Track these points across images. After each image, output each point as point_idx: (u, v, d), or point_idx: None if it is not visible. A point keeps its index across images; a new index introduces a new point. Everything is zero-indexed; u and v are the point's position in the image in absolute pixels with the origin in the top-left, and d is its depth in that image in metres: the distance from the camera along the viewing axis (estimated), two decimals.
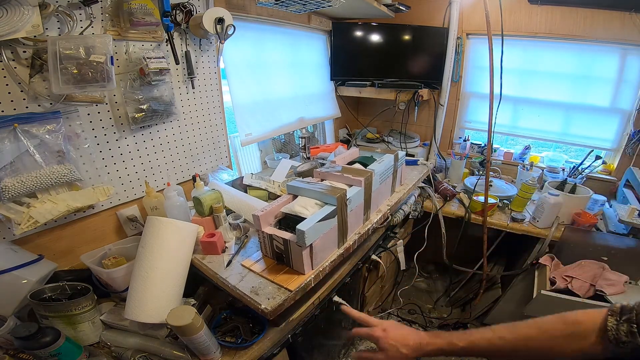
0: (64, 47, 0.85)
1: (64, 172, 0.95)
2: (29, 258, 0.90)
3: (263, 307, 0.85)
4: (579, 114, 1.98)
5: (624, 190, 1.72)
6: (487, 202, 1.69)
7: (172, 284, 0.95)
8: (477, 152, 2.28)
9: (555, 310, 0.59)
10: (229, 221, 1.18)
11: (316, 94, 2.13)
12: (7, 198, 0.85)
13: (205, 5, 1.29)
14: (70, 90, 0.89)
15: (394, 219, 1.51)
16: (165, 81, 1.16)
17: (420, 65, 2.16)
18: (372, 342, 0.71)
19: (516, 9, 1.87)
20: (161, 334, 0.92)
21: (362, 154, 1.46)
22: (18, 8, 0.78)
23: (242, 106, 1.59)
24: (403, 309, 2.15)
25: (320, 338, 1.35)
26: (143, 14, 1.06)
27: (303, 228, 0.87)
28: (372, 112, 2.49)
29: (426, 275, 2.46)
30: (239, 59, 1.55)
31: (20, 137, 0.86)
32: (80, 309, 0.89)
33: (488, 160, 1.71)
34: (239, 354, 0.91)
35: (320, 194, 1.02)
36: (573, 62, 1.89)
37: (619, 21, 1.67)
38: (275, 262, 1.01)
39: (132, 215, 1.21)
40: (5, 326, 0.81)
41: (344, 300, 1.24)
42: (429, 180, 1.98)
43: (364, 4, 1.71)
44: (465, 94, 2.23)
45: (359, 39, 2.09)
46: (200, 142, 1.45)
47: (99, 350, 0.92)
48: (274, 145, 2.10)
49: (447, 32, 2.00)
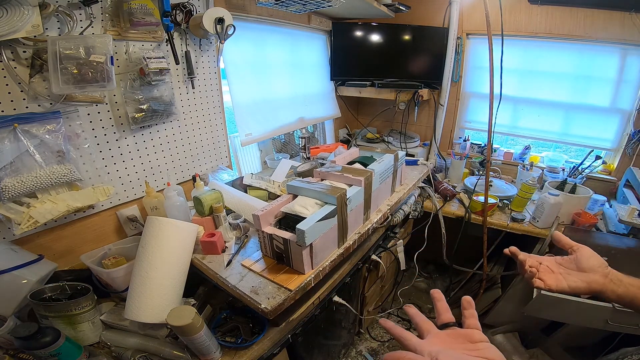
0: (64, 47, 0.85)
1: (64, 172, 0.95)
2: (29, 258, 0.90)
3: (263, 307, 0.85)
4: (579, 114, 1.98)
5: (624, 190, 1.72)
6: (487, 202, 1.69)
7: (172, 283, 0.95)
8: (477, 152, 2.28)
9: (556, 311, 0.59)
10: (229, 221, 1.18)
11: (316, 94, 2.13)
12: (7, 198, 0.85)
13: (205, 5, 1.29)
14: (70, 90, 0.89)
15: (394, 218, 1.51)
16: (165, 81, 1.16)
17: (420, 65, 2.16)
18: None
19: (516, 9, 1.87)
20: (161, 334, 0.93)
21: (362, 154, 1.46)
22: (18, 8, 0.78)
23: (242, 106, 1.59)
24: (403, 309, 2.14)
25: (320, 338, 1.35)
26: (143, 14, 1.06)
27: (303, 227, 0.87)
28: (372, 112, 2.49)
29: (426, 275, 2.46)
30: (239, 59, 1.55)
31: (20, 137, 0.86)
32: (80, 309, 0.89)
33: (488, 160, 1.71)
34: (239, 354, 0.91)
35: (320, 193, 1.02)
36: (573, 62, 1.89)
37: (619, 21, 1.67)
38: (275, 262, 1.01)
39: (132, 215, 1.21)
40: (5, 326, 0.81)
41: (344, 300, 1.24)
42: (429, 180, 1.98)
43: (364, 4, 1.71)
44: (465, 94, 2.23)
45: (359, 39, 2.09)
46: (200, 142, 1.45)
47: (99, 350, 0.92)
48: (274, 145, 2.10)
49: (447, 32, 2.00)
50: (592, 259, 0.61)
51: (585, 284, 0.59)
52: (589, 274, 0.60)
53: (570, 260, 0.63)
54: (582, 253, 0.62)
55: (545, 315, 1.28)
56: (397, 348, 1.71)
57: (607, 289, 0.59)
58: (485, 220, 1.72)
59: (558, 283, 0.60)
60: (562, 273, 0.61)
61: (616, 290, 0.58)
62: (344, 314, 1.52)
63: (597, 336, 1.51)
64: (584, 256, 0.61)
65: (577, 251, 0.63)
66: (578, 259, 0.62)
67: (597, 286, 0.59)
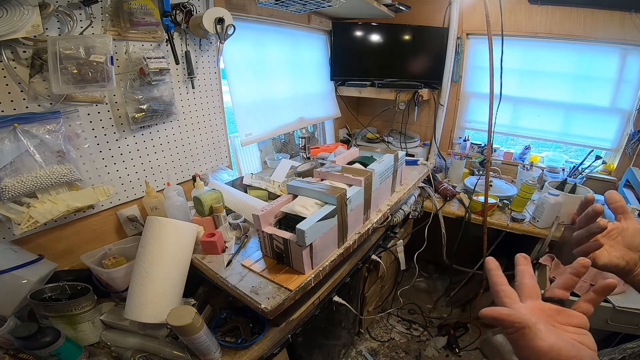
0: (64, 47, 0.85)
1: (64, 172, 0.95)
2: (29, 258, 0.90)
3: (263, 307, 0.85)
4: (579, 113, 1.98)
5: (624, 190, 1.72)
6: (487, 202, 1.69)
7: (172, 283, 0.95)
8: (477, 152, 2.28)
9: None
10: (229, 221, 1.18)
11: (316, 93, 2.13)
12: (7, 198, 0.85)
13: (205, 5, 1.29)
14: (70, 90, 0.89)
15: (394, 218, 1.51)
16: (165, 81, 1.16)
17: (420, 65, 2.16)
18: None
19: (516, 9, 1.86)
20: (161, 334, 0.93)
21: (362, 154, 1.46)
22: (18, 8, 0.78)
23: (242, 106, 1.59)
24: (403, 309, 2.15)
25: (320, 338, 1.35)
26: (143, 14, 1.06)
27: (303, 227, 0.87)
28: (372, 112, 2.49)
29: (426, 275, 2.46)
30: (239, 59, 1.56)
31: (20, 137, 0.86)
32: (80, 309, 0.89)
33: (488, 160, 1.71)
34: (239, 354, 0.91)
35: (320, 193, 1.02)
36: (573, 62, 1.89)
37: (619, 21, 1.67)
38: (275, 262, 1.01)
39: (132, 215, 1.21)
40: (5, 326, 0.81)
41: (344, 300, 1.24)
42: (429, 180, 1.98)
43: (364, 4, 1.71)
44: (465, 94, 2.23)
45: (359, 39, 2.09)
46: (200, 142, 1.45)
47: (99, 350, 0.92)
48: (274, 145, 2.10)
49: (447, 32, 2.00)
50: (638, 236, 0.54)
51: (625, 262, 0.53)
52: (631, 252, 0.54)
53: (618, 231, 0.55)
54: (632, 225, 0.55)
55: None
56: (397, 347, 1.72)
57: (637, 271, 0.54)
58: (485, 220, 1.72)
59: (601, 256, 0.53)
60: (605, 243, 0.54)
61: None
62: (344, 314, 1.52)
63: (597, 336, 1.51)
64: (632, 231, 0.55)
65: (627, 220, 0.56)
66: (627, 231, 0.55)
67: (633, 265, 0.53)
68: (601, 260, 0.53)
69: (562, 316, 0.41)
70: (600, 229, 0.51)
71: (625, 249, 0.53)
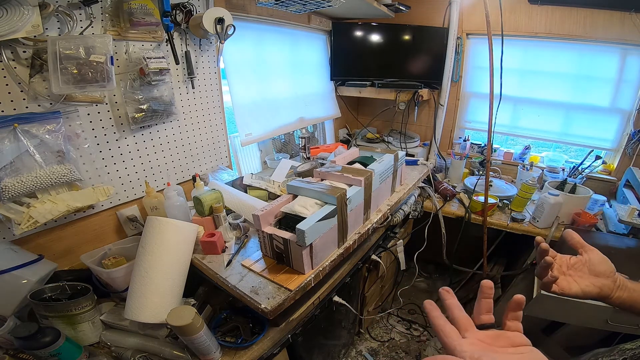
0: (64, 47, 0.85)
1: (64, 172, 0.95)
2: (29, 258, 0.90)
3: (263, 307, 0.85)
4: (579, 113, 1.98)
5: (624, 190, 1.72)
6: (487, 202, 1.69)
7: (172, 283, 0.95)
8: (477, 152, 2.28)
9: (556, 311, 0.58)
10: (229, 221, 1.18)
11: (316, 94, 2.13)
12: (7, 198, 0.85)
13: (205, 5, 1.29)
14: (70, 90, 0.89)
15: (394, 218, 1.51)
16: (165, 81, 1.16)
17: (420, 65, 2.16)
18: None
19: (516, 9, 1.87)
20: (161, 334, 0.93)
21: (362, 154, 1.46)
22: (18, 8, 0.78)
23: (242, 106, 1.59)
24: (403, 309, 2.15)
25: (320, 338, 1.35)
26: (143, 14, 1.06)
27: (303, 227, 0.87)
28: (372, 112, 2.49)
29: (426, 275, 2.46)
30: (239, 59, 1.56)
31: (20, 137, 0.86)
32: (80, 309, 0.89)
33: (488, 160, 1.71)
34: (239, 354, 0.91)
35: (320, 193, 1.02)
36: (573, 62, 1.89)
37: (619, 21, 1.67)
38: (275, 262, 1.01)
39: (132, 215, 1.21)
40: (5, 326, 0.81)
41: (344, 300, 1.24)
42: (429, 180, 1.98)
43: (364, 4, 1.71)
44: (465, 94, 2.23)
45: (359, 39, 2.09)
46: (200, 142, 1.45)
47: (99, 350, 0.92)
48: (274, 145, 2.10)
49: (447, 32, 2.00)
50: (604, 264, 0.59)
51: (597, 288, 0.58)
52: (601, 279, 0.58)
53: (582, 263, 0.60)
54: (594, 256, 0.60)
55: (545, 315, 1.28)
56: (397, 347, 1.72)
57: (614, 294, 0.58)
58: (485, 220, 1.72)
59: (571, 287, 0.58)
60: (572, 275, 0.60)
61: (621, 296, 0.58)
62: (344, 314, 1.52)
63: (597, 336, 1.51)
64: (596, 260, 0.60)
65: (588, 252, 0.61)
66: (591, 261, 0.60)
67: (608, 291, 0.58)
68: (572, 290, 0.58)
69: (501, 340, 0.42)
70: (547, 263, 0.57)
71: (594, 277, 0.59)
